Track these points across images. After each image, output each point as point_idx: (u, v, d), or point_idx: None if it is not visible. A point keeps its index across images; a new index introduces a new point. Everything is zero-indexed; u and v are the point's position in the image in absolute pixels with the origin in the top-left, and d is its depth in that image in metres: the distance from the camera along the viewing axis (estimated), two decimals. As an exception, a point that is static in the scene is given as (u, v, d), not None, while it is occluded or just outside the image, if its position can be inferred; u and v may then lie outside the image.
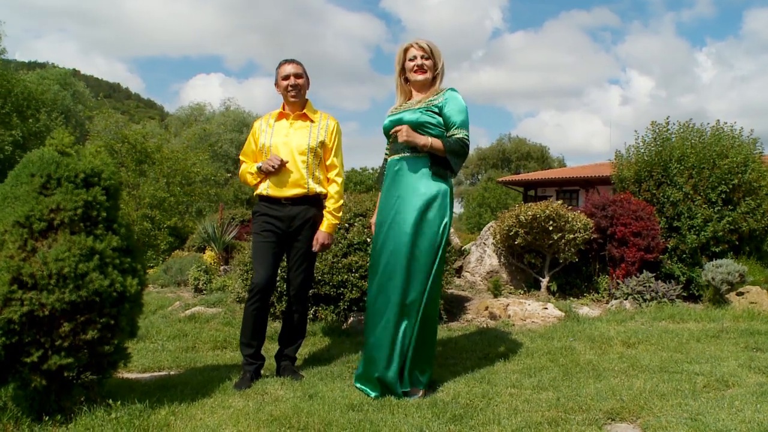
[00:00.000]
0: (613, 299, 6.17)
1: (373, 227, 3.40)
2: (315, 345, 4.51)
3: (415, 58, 3.29)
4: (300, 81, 3.52)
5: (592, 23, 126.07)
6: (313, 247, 3.50)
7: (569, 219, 6.28)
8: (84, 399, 2.64)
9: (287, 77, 3.51)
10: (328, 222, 3.53)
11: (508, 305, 5.66)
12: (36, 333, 2.42)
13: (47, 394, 2.55)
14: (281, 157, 3.41)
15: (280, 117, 3.59)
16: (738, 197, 7.07)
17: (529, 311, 5.55)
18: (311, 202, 3.52)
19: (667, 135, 7.71)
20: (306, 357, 4.07)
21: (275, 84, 3.59)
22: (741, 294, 6.00)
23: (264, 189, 3.49)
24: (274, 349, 3.75)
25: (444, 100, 3.23)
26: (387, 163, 3.37)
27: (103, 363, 2.65)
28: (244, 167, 3.66)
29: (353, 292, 5.03)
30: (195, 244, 10.50)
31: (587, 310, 5.84)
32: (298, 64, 3.56)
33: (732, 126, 7.74)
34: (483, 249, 7.14)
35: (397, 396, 3.01)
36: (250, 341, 3.43)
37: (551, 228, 6.22)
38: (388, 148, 3.46)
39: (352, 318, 5.10)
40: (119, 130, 14.19)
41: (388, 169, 3.33)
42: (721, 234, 6.89)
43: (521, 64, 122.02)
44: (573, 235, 6.26)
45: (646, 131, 7.90)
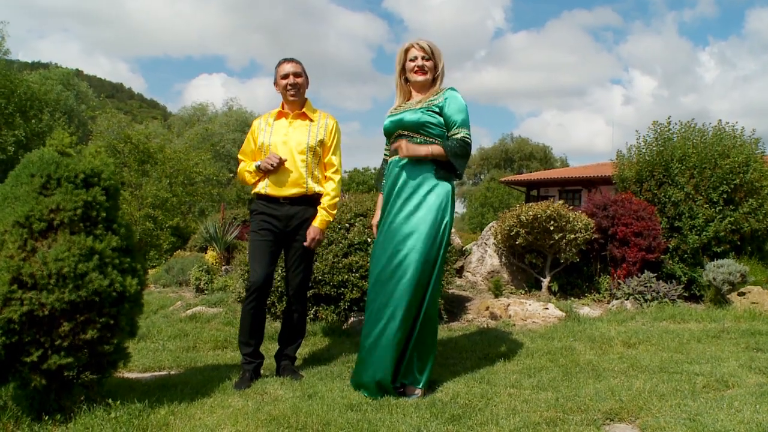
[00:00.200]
0: (614, 299, 6.17)
1: (375, 228, 3.41)
2: (315, 345, 4.52)
3: (416, 58, 3.28)
4: (299, 80, 3.52)
5: (594, 23, 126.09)
6: (305, 242, 3.48)
7: (570, 219, 6.27)
8: (84, 398, 2.65)
9: (286, 76, 3.50)
10: (321, 218, 3.50)
11: (508, 305, 5.66)
12: (36, 333, 2.42)
13: (47, 393, 2.56)
14: (280, 156, 3.41)
15: (279, 116, 3.59)
16: (740, 197, 7.06)
17: (530, 311, 5.55)
18: (310, 201, 3.52)
19: (669, 135, 7.69)
20: (306, 357, 4.08)
21: (274, 83, 3.58)
22: (742, 294, 5.98)
23: (263, 188, 3.48)
24: (273, 349, 3.76)
25: (444, 99, 3.22)
26: (388, 164, 3.36)
27: (103, 362, 2.65)
28: (242, 166, 3.65)
29: (354, 292, 5.04)
30: (197, 244, 10.53)
31: (588, 310, 5.83)
32: (297, 63, 3.55)
33: (734, 126, 7.73)
34: (484, 249, 7.14)
35: (395, 396, 3.01)
36: (248, 340, 3.43)
37: (552, 228, 6.22)
38: (387, 148, 3.45)
39: (352, 318, 5.10)
40: (122, 130, 14.24)
41: (389, 170, 3.31)
42: (723, 234, 6.87)
43: (523, 63, 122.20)
44: (574, 235, 6.25)
45: (647, 131, 7.91)
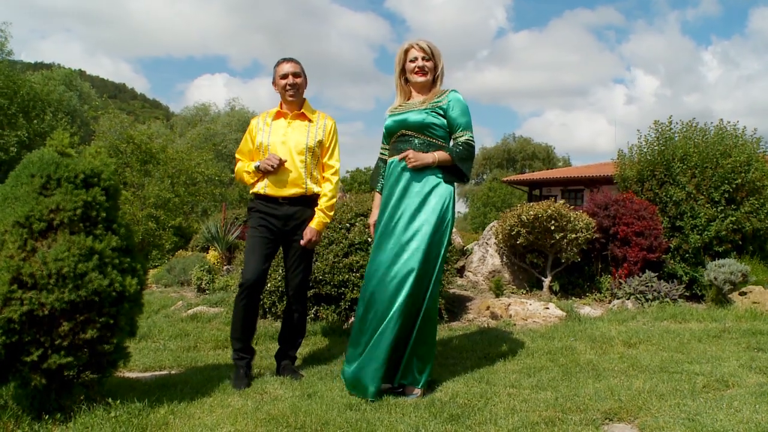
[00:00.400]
0: (616, 299, 6.16)
1: (372, 228, 3.41)
2: (316, 344, 4.52)
3: (416, 59, 3.28)
4: (298, 80, 3.51)
5: (596, 22, 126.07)
6: (302, 241, 3.48)
7: (571, 218, 6.27)
8: (84, 398, 2.67)
9: (285, 76, 3.49)
10: (318, 219, 3.51)
11: (509, 305, 5.65)
12: (36, 332, 2.44)
13: (47, 392, 2.58)
14: (280, 157, 3.40)
15: (277, 116, 3.58)
16: (741, 197, 7.05)
17: (531, 311, 5.54)
18: (308, 202, 3.52)
19: (670, 134, 7.69)
20: (306, 356, 4.09)
21: (273, 83, 3.57)
22: (744, 294, 5.97)
23: (261, 188, 3.48)
24: (274, 349, 3.77)
25: (448, 102, 3.25)
26: (389, 164, 3.32)
27: (103, 362, 2.67)
28: (240, 165, 3.64)
29: (354, 291, 5.04)
30: (198, 243, 10.55)
31: (589, 309, 5.83)
32: (296, 62, 3.54)
33: (735, 125, 7.72)
34: (485, 249, 7.13)
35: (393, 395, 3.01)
36: (240, 336, 3.43)
37: (553, 227, 6.21)
38: (386, 147, 3.44)
39: (353, 318, 5.10)
40: (124, 130, 14.26)
41: (390, 170, 3.29)
42: (724, 233, 6.86)
43: (526, 63, 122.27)
44: (575, 235, 6.24)
45: (648, 130, 7.90)
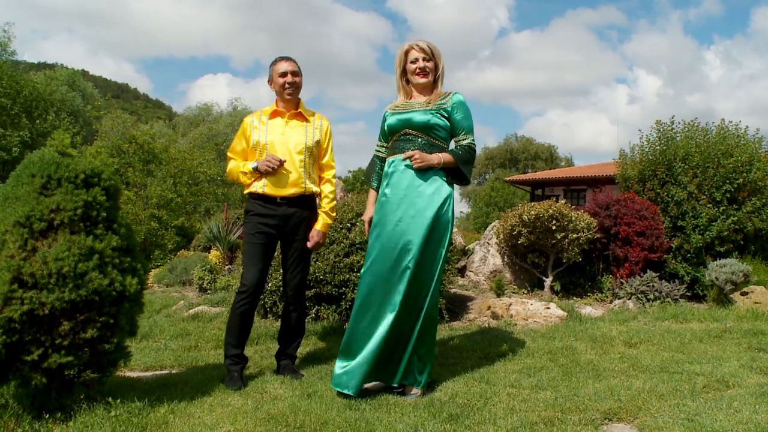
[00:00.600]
0: (617, 299, 6.15)
1: (367, 225, 3.40)
2: (316, 344, 4.53)
3: (417, 60, 3.29)
4: (297, 79, 3.49)
5: (598, 21, 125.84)
6: (308, 244, 3.49)
7: (572, 218, 6.26)
8: (84, 397, 2.68)
9: (285, 74, 3.46)
10: (323, 221, 3.52)
11: (510, 305, 5.65)
12: (36, 332, 2.45)
13: (48, 392, 2.59)
14: (279, 158, 3.38)
15: (274, 115, 3.53)
16: (743, 196, 7.04)
17: (532, 311, 5.54)
18: (307, 201, 3.52)
19: (672, 134, 7.67)
20: (307, 356, 4.09)
21: (269, 81, 3.53)
22: (745, 294, 5.96)
23: (260, 187, 3.43)
24: (274, 348, 3.77)
25: (452, 105, 3.28)
26: (389, 163, 3.30)
27: (103, 361, 2.67)
28: (234, 165, 3.57)
29: (355, 291, 5.04)
30: (200, 243, 10.56)
31: (590, 309, 5.82)
32: (294, 61, 3.52)
33: (737, 125, 7.71)
34: (487, 248, 7.13)
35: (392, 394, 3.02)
36: (236, 342, 3.43)
37: (554, 227, 6.21)
38: (384, 145, 3.43)
39: (354, 317, 5.11)
40: (127, 130, 14.29)
41: (390, 169, 3.27)
42: (726, 233, 6.85)
43: (528, 63, 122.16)
44: (576, 235, 6.23)
45: (650, 130, 7.89)
